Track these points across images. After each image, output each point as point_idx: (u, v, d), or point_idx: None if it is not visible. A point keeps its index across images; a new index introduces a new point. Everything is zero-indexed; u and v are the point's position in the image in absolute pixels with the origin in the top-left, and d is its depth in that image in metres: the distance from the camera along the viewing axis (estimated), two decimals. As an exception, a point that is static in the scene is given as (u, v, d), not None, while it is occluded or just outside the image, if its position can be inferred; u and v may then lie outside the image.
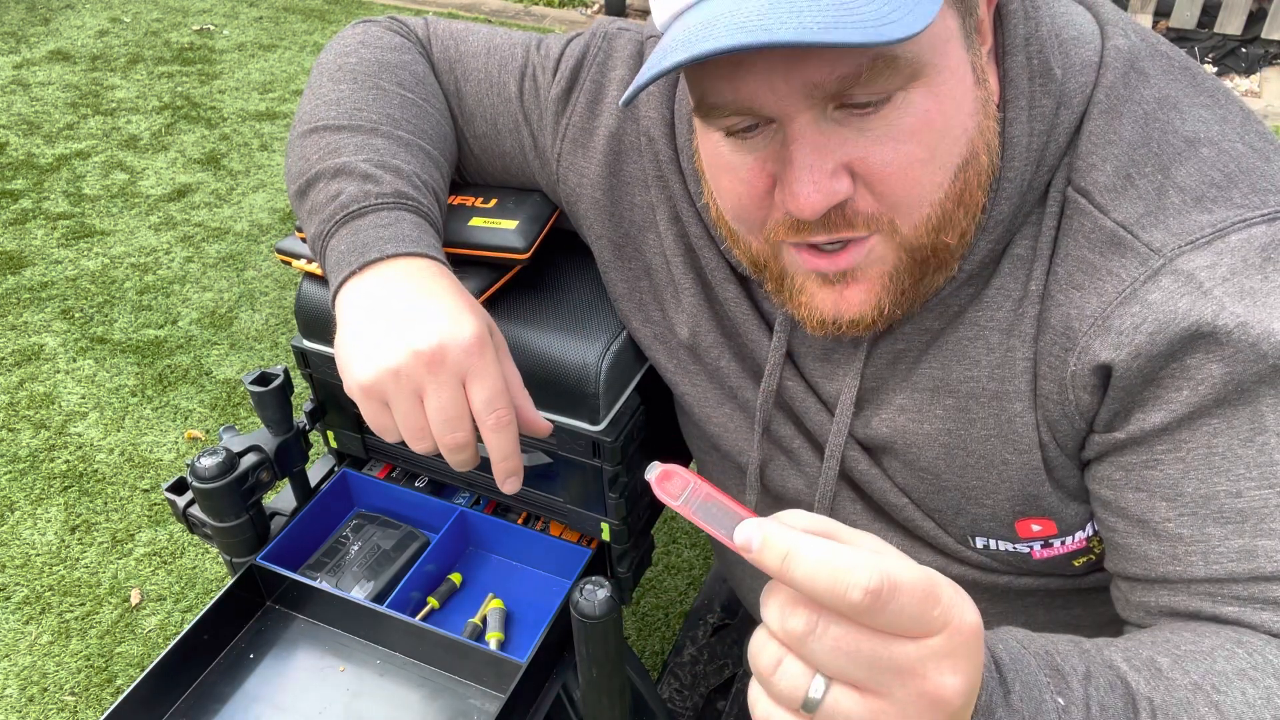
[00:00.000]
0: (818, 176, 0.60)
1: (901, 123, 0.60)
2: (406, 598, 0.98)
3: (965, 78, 0.62)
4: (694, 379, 0.88)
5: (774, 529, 0.45)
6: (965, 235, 0.67)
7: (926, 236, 0.65)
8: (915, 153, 0.61)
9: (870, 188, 0.62)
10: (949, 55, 0.61)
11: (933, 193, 0.63)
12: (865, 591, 0.43)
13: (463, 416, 0.71)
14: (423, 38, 0.95)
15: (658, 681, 1.53)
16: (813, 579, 0.44)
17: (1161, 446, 0.66)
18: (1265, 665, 0.59)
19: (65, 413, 2.25)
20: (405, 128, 0.86)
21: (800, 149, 0.60)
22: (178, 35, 4.20)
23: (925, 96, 0.60)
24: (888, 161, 0.61)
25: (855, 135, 0.60)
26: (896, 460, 0.79)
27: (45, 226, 2.91)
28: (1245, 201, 0.64)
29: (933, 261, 0.67)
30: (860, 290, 0.67)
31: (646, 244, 0.88)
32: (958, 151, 0.63)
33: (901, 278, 0.67)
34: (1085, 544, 0.77)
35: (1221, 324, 0.61)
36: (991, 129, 0.65)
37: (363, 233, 0.76)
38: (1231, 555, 0.65)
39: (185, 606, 1.82)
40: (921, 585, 0.44)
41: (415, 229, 0.77)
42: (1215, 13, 3.77)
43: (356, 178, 0.79)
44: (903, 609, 0.44)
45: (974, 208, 0.66)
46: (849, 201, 0.62)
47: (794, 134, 0.61)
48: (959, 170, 0.63)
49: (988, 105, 0.65)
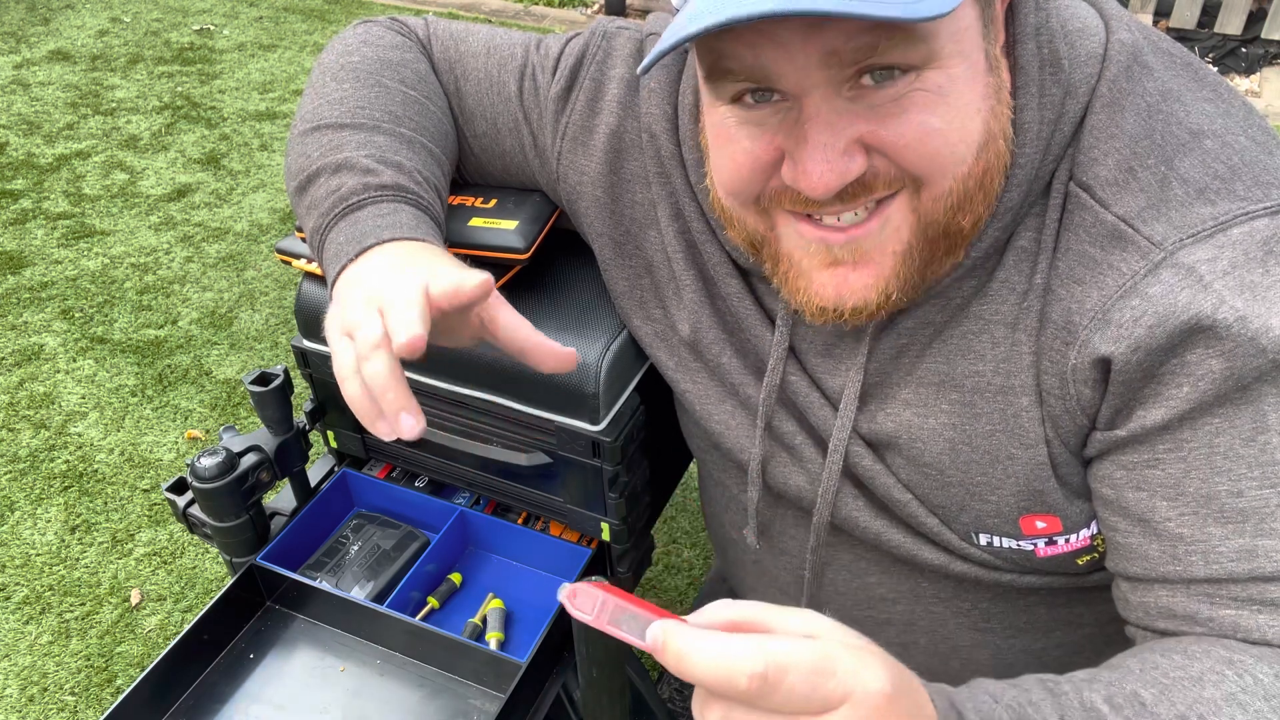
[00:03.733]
0: (830, 155, 0.60)
1: (914, 97, 0.60)
2: (406, 598, 0.98)
3: (979, 64, 0.62)
4: (695, 376, 0.88)
5: (674, 631, 0.48)
6: (979, 221, 0.67)
7: (944, 213, 0.64)
8: (929, 122, 0.61)
9: (887, 156, 0.62)
10: (965, 42, 0.61)
11: (955, 166, 0.63)
12: (750, 677, 0.46)
13: (373, 344, 0.64)
14: (423, 38, 0.95)
15: (658, 681, 1.52)
16: (705, 673, 0.47)
17: (1163, 445, 0.66)
18: (1255, 688, 0.59)
19: (65, 413, 2.25)
20: (407, 125, 0.86)
21: (814, 126, 0.60)
22: (178, 35, 4.19)
23: (939, 75, 0.60)
24: (901, 133, 0.61)
25: (868, 111, 0.60)
26: (900, 456, 0.79)
27: (45, 226, 2.91)
28: (1248, 194, 0.64)
29: (943, 244, 0.67)
30: (866, 274, 0.67)
31: (647, 241, 0.88)
32: (975, 128, 0.63)
33: (913, 256, 0.66)
34: (1089, 542, 0.77)
35: (1221, 318, 0.61)
36: (1005, 115, 0.65)
37: (361, 223, 0.75)
38: (1232, 555, 0.64)
39: (185, 606, 1.82)
40: (811, 662, 0.47)
41: (413, 219, 0.77)
42: (1215, 13, 3.77)
43: (358, 172, 0.79)
44: (794, 688, 0.46)
45: (992, 192, 0.66)
46: (867, 170, 0.62)
47: (808, 112, 0.61)
48: (980, 149, 0.63)
49: (1001, 92, 0.65)
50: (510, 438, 0.97)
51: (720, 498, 0.99)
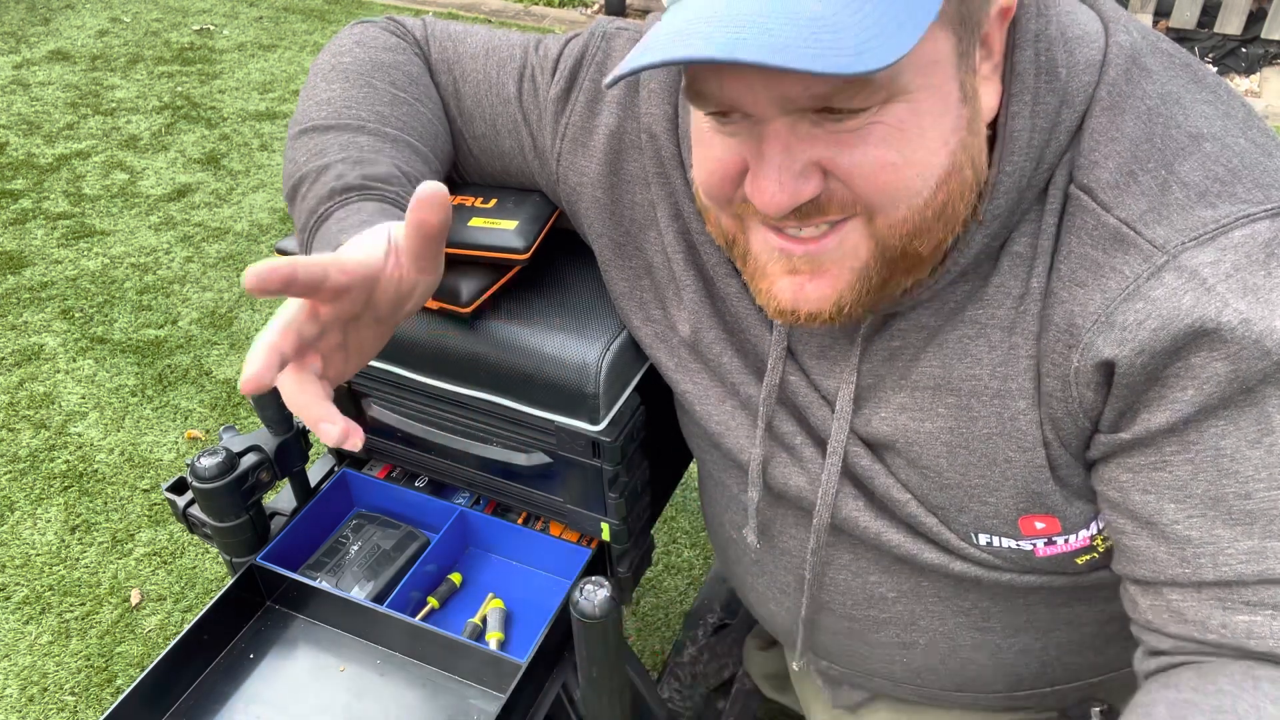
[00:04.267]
0: (784, 177, 0.62)
1: (874, 130, 0.61)
2: (406, 598, 0.98)
3: (950, 95, 0.62)
4: (695, 377, 0.88)
5: None
6: (940, 245, 0.67)
7: (899, 240, 0.65)
8: (886, 156, 0.61)
9: (843, 184, 0.63)
10: (934, 75, 0.61)
11: (911, 198, 0.63)
12: None
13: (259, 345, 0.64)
14: (420, 39, 0.95)
15: (658, 681, 1.52)
16: None
17: (1170, 448, 0.66)
18: None
19: (65, 413, 2.25)
20: (393, 124, 0.86)
21: (771, 146, 0.62)
22: (178, 35, 4.20)
23: (902, 109, 0.60)
24: (857, 163, 0.62)
25: (827, 137, 0.61)
26: (899, 457, 0.79)
27: (45, 226, 2.91)
28: (1249, 196, 0.64)
29: (902, 264, 0.67)
30: (822, 284, 0.67)
31: (647, 242, 0.88)
32: (937, 163, 0.63)
33: (869, 274, 0.67)
34: (1089, 542, 0.77)
35: (1225, 321, 0.61)
36: (977, 145, 0.65)
37: (328, 233, 0.76)
38: (1241, 557, 0.64)
39: (185, 606, 1.82)
40: None
41: (375, 213, 0.77)
42: (1215, 13, 3.77)
43: (330, 179, 0.80)
44: None
45: (954, 221, 0.66)
46: (822, 194, 0.63)
47: (768, 132, 0.62)
48: (940, 182, 0.64)
49: (974, 123, 0.65)
50: (510, 438, 0.97)
51: (720, 498, 0.99)
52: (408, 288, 0.70)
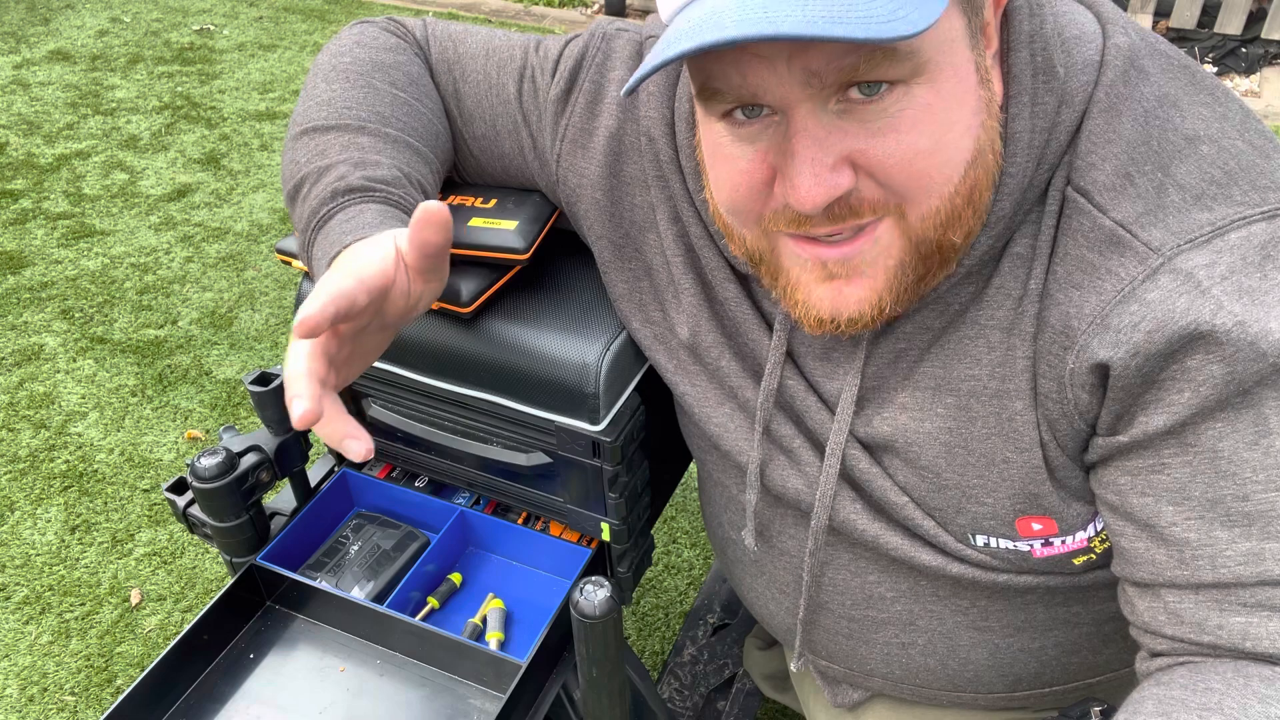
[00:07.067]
0: (819, 170, 0.61)
1: (903, 114, 0.60)
2: (406, 598, 0.98)
3: (969, 77, 0.62)
4: (694, 379, 0.88)
5: None
6: (970, 234, 0.67)
7: (934, 231, 0.65)
8: (918, 143, 0.61)
9: (875, 178, 0.62)
10: (953, 54, 0.61)
11: (942, 186, 0.63)
12: None
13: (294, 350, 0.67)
14: (420, 39, 0.95)
15: (658, 681, 1.53)
16: None
17: (1168, 450, 0.66)
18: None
19: (65, 413, 2.25)
20: (394, 125, 0.86)
21: (802, 141, 0.61)
22: (178, 35, 4.20)
23: (927, 91, 0.60)
24: (890, 152, 0.61)
25: (857, 127, 0.61)
26: (897, 459, 0.79)
27: (45, 226, 2.92)
28: (1245, 199, 0.64)
29: (936, 258, 0.67)
30: (860, 286, 0.67)
31: (646, 244, 0.88)
32: (964, 146, 0.63)
33: (905, 272, 0.67)
34: (1086, 544, 0.77)
35: (1219, 323, 0.61)
36: (995, 129, 0.65)
37: (331, 234, 0.76)
38: (1239, 558, 0.64)
39: (185, 606, 1.82)
40: None
41: (379, 216, 0.77)
42: (1215, 13, 3.78)
43: (331, 180, 0.80)
44: None
45: (981, 207, 0.66)
46: (854, 191, 0.62)
47: (796, 127, 0.61)
48: (968, 167, 0.63)
49: (991, 105, 0.65)
50: (510, 438, 0.97)
51: (719, 498, 0.99)
52: (415, 297, 0.72)
